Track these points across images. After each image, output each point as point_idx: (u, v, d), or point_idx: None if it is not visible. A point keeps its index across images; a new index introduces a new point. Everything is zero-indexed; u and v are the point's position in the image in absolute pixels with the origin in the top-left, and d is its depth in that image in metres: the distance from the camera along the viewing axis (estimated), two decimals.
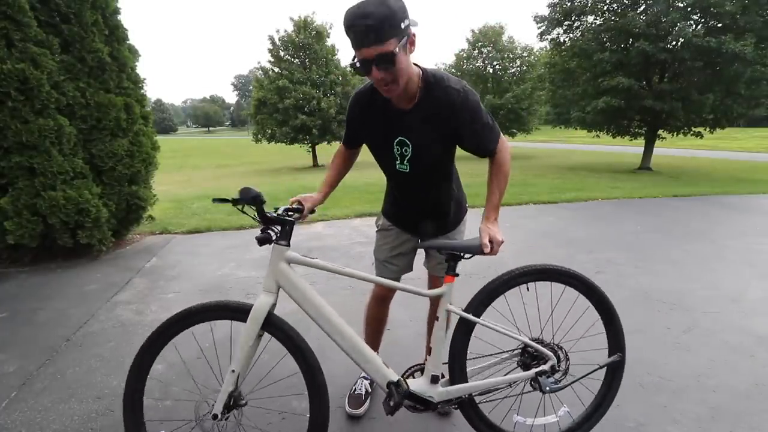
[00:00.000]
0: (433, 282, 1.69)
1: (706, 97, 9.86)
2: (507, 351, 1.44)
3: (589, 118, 12.09)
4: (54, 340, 2.31)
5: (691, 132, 11.52)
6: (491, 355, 1.44)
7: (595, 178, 9.71)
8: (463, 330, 1.37)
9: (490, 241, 1.29)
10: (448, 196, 1.54)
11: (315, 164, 17.02)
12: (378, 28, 1.07)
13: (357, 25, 1.08)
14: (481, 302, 1.36)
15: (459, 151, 1.41)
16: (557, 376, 1.40)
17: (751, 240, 4.22)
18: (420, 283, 1.56)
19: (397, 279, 1.64)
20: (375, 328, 1.79)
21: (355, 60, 1.15)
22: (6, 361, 2.09)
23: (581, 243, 4.12)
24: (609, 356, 1.45)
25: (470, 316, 1.34)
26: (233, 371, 1.25)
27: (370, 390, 1.78)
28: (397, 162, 1.39)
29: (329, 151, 18.44)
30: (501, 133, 1.37)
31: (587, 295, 1.42)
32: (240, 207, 1.22)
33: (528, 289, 1.39)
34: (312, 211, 1.41)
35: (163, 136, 55.85)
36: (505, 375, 1.42)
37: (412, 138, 1.33)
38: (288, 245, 1.25)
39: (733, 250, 3.89)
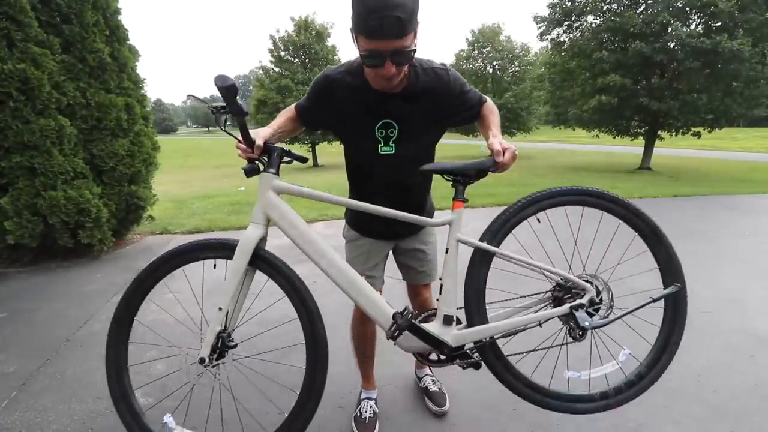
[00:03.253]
0: (414, 292, 1.60)
1: (699, 97, 9.89)
2: (533, 294, 1.23)
3: (587, 117, 12.13)
4: (54, 340, 2.31)
5: (690, 132, 11.54)
6: (513, 298, 1.25)
7: (595, 178, 9.71)
8: (480, 262, 1.18)
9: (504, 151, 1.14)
10: (425, 197, 1.47)
11: (315, 164, 17.03)
12: (406, 21, 0.97)
13: (386, 16, 0.95)
14: (499, 229, 1.17)
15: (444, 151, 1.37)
16: (601, 312, 1.19)
17: (751, 240, 4.21)
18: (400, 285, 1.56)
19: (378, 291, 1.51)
20: (364, 346, 1.63)
21: (362, 50, 1.05)
22: (6, 361, 2.10)
23: (581, 243, 4.11)
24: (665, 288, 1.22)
25: (487, 246, 1.16)
26: (220, 309, 1.19)
27: (377, 411, 1.65)
28: (380, 144, 1.27)
29: (329, 150, 18.52)
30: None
31: (629, 222, 1.21)
32: (216, 110, 1.08)
33: (541, 219, 1.20)
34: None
35: (163, 136, 55.89)
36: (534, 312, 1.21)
37: (400, 120, 1.25)
38: (277, 174, 1.18)
39: (733, 250, 3.89)
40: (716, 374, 1.96)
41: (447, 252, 1.20)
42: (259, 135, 1.17)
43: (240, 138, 1.13)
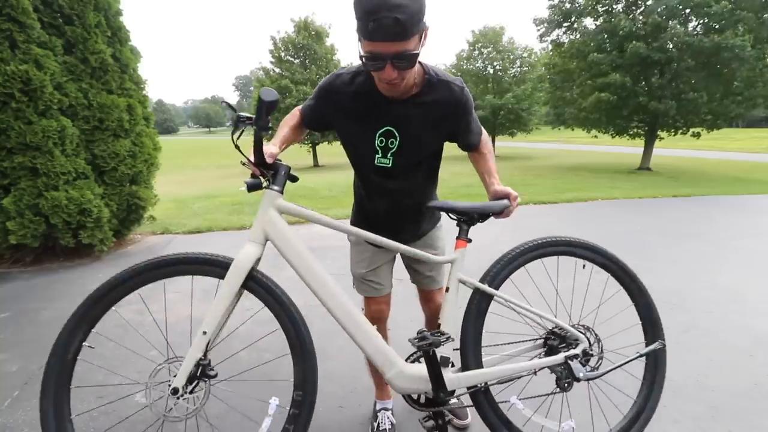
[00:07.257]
0: (425, 297, 1.55)
1: (699, 95, 9.91)
2: (528, 340, 1.21)
3: (582, 115, 12.15)
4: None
5: (690, 132, 11.56)
6: (508, 343, 1.21)
7: (594, 178, 9.72)
8: (478, 305, 1.16)
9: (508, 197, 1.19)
10: (424, 207, 1.36)
11: (315, 164, 17.06)
12: (407, 23, 0.93)
13: (384, 17, 0.91)
14: (498, 273, 1.15)
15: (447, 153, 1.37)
16: (591, 363, 1.18)
17: (750, 240, 4.22)
18: (407, 284, 1.56)
19: (383, 296, 1.48)
20: None
21: (364, 52, 1.00)
22: (8, 361, 2.11)
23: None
24: (647, 346, 1.27)
25: (487, 288, 1.14)
26: (204, 333, 1.08)
27: (394, 422, 1.56)
28: (378, 155, 1.23)
29: (330, 151, 18.52)
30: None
31: (617, 277, 1.23)
32: (241, 129, 1.04)
33: (544, 265, 1.21)
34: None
35: (165, 137, 55.79)
36: (529, 360, 1.19)
37: (402, 128, 1.19)
38: (281, 192, 1.12)
39: (732, 250, 3.90)
40: (715, 373, 1.97)
41: (447, 291, 1.17)
42: (267, 152, 1.12)
43: (245, 153, 1.11)
